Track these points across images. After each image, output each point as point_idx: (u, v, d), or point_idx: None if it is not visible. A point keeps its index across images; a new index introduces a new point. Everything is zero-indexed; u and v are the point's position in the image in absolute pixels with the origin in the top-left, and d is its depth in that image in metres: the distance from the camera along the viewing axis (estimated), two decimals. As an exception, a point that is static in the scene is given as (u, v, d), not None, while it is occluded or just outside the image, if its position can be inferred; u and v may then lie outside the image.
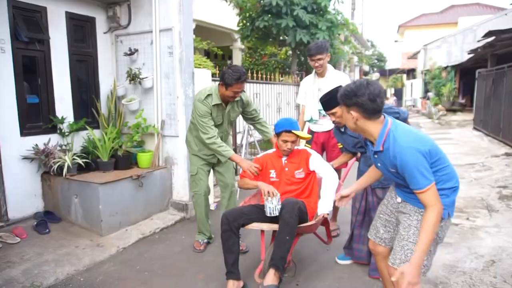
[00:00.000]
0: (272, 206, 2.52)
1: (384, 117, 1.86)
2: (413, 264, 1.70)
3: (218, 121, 3.09)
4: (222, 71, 2.92)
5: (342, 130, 2.78)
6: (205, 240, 3.38)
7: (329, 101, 2.57)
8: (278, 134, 2.73)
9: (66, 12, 4.00)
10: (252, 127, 5.60)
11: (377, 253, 2.22)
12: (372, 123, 1.83)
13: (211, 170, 3.41)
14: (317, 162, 2.79)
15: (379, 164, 1.95)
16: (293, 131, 2.66)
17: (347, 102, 1.84)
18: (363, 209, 2.84)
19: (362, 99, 1.77)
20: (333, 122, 2.69)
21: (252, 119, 3.33)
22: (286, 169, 2.77)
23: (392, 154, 1.77)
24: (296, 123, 2.75)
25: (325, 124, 3.51)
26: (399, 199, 2.02)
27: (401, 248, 1.89)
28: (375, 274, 2.68)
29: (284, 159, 2.80)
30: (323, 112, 3.32)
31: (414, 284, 1.67)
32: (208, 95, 2.98)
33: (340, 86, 2.65)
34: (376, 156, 1.92)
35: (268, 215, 2.54)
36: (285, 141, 2.69)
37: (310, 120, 3.57)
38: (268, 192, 2.53)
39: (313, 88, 3.55)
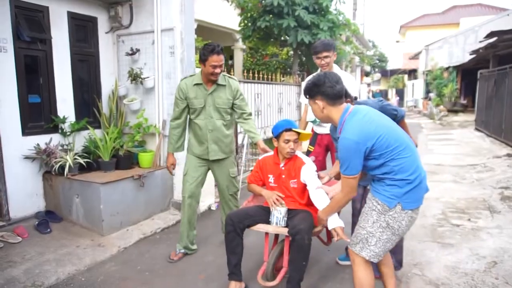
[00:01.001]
0: (280, 216, 2.50)
1: (347, 105, 2.02)
2: (320, 212, 2.24)
3: (199, 104, 2.99)
4: (199, 50, 2.97)
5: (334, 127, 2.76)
6: (182, 250, 3.19)
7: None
8: (278, 136, 2.60)
9: (68, 12, 4.01)
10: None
11: None
12: (335, 109, 2.01)
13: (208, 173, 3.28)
14: (308, 174, 2.58)
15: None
16: (293, 129, 2.57)
17: (311, 93, 2.05)
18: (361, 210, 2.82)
19: (324, 87, 1.98)
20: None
21: (241, 115, 3.14)
22: (283, 176, 2.66)
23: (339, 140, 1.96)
24: (294, 122, 2.67)
25: (329, 126, 3.48)
26: (369, 186, 2.16)
27: (355, 231, 2.11)
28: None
29: (281, 165, 2.66)
30: None
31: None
32: (191, 75, 3.08)
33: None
34: (337, 140, 2.11)
35: (274, 225, 2.52)
36: (287, 141, 2.57)
37: (314, 121, 3.53)
38: (275, 202, 2.50)
39: None
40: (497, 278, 2.73)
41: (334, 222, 2.26)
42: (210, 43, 2.88)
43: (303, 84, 3.74)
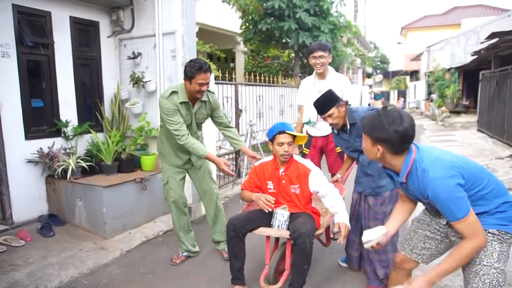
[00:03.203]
0: (283, 220, 2.50)
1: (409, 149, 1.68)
2: (427, 280, 1.63)
3: (187, 121, 2.90)
4: (184, 66, 2.77)
5: (336, 132, 2.76)
6: (184, 253, 3.20)
7: (323, 105, 2.54)
8: (272, 140, 2.55)
9: (70, 17, 4.04)
10: (255, 129, 5.61)
11: (402, 268, 2.03)
12: (398, 157, 1.69)
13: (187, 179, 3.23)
14: (318, 181, 2.53)
15: (410, 193, 1.81)
16: (287, 131, 2.52)
17: (374, 135, 1.67)
18: (356, 215, 2.81)
19: (393, 136, 1.60)
20: (330, 124, 2.64)
21: (221, 124, 3.11)
22: (283, 181, 2.60)
23: (422, 186, 1.63)
24: (289, 125, 2.63)
25: (323, 128, 3.43)
26: (444, 221, 1.84)
27: (475, 274, 1.68)
28: (374, 284, 2.65)
29: (281, 170, 2.59)
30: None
31: None
32: (173, 92, 2.80)
33: (330, 90, 2.65)
34: (403, 185, 1.78)
35: (275, 227, 2.52)
36: (281, 144, 2.49)
37: (308, 122, 3.49)
38: (266, 204, 2.45)
39: (312, 90, 3.45)
40: (500, 280, 2.71)
41: (342, 218, 2.35)
42: (196, 60, 2.74)
43: (301, 85, 3.74)
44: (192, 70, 2.68)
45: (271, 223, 2.55)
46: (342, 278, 2.84)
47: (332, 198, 2.48)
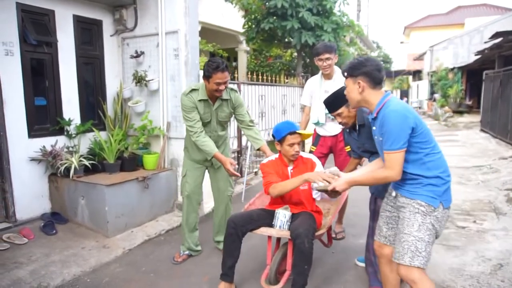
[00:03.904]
0: (284, 220, 2.49)
1: (386, 91, 2.01)
2: (346, 181, 2.09)
3: (206, 119, 2.97)
4: (203, 65, 2.83)
5: (348, 130, 2.75)
6: (186, 252, 3.21)
7: (334, 102, 2.52)
8: (281, 140, 2.57)
9: (74, 15, 4.04)
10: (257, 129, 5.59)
11: (382, 256, 2.20)
12: (375, 93, 1.97)
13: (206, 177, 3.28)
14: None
15: (375, 137, 2.06)
16: (297, 131, 2.55)
17: (355, 72, 1.98)
18: (373, 216, 2.77)
19: (370, 68, 1.94)
20: (340, 123, 2.63)
21: (243, 122, 3.13)
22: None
23: (382, 117, 1.90)
24: (295, 124, 2.64)
25: (332, 129, 3.44)
26: (394, 193, 2.07)
27: (399, 241, 1.94)
28: (375, 284, 2.63)
29: (290, 168, 2.64)
30: (330, 116, 3.27)
31: (336, 185, 2.09)
32: (194, 89, 2.91)
33: (344, 87, 2.64)
34: (374, 128, 2.03)
35: (277, 227, 2.51)
36: (292, 144, 2.53)
37: (317, 123, 3.50)
38: (325, 179, 2.21)
39: (319, 90, 3.45)
40: (503, 281, 2.71)
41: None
42: (214, 60, 2.78)
43: (306, 85, 3.73)
44: (210, 69, 2.73)
45: (273, 223, 2.54)
46: (344, 278, 2.84)
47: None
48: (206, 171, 3.25)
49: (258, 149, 3.09)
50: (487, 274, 2.81)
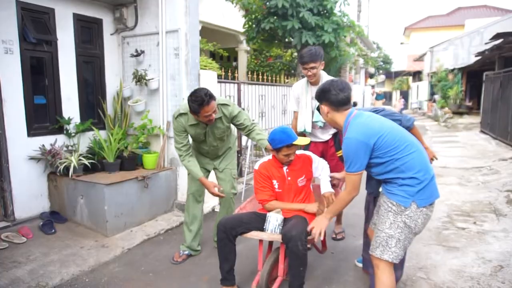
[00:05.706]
0: (276, 224, 2.45)
1: (351, 109, 2.14)
2: (325, 216, 2.27)
3: (200, 139, 2.98)
4: (187, 101, 2.74)
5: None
6: (186, 252, 3.20)
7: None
8: (277, 149, 2.54)
9: (74, 14, 4.03)
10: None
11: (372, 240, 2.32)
12: (339, 114, 2.14)
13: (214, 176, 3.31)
14: (320, 166, 2.73)
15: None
16: (294, 143, 2.50)
17: (320, 99, 2.20)
18: (370, 216, 2.77)
19: (332, 93, 2.11)
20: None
21: (244, 129, 3.07)
22: (289, 178, 2.62)
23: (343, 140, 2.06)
24: (293, 132, 2.57)
25: (322, 135, 3.37)
26: (381, 189, 2.21)
27: (374, 234, 2.13)
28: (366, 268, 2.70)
29: (285, 168, 2.63)
30: (319, 123, 3.23)
31: (321, 228, 2.24)
32: (182, 113, 2.87)
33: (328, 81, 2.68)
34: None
35: (269, 231, 2.46)
36: (287, 155, 2.53)
37: (304, 131, 3.37)
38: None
39: (306, 97, 3.32)
40: (504, 282, 2.70)
41: (327, 187, 2.60)
42: (196, 95, 2.64)
43: (292, 90, 3.64)
44: (195, 106, 2.66)
45: (264, 227, 2.48)
46: (344, 279, 2.83)
47: (324, 167, 2.76)
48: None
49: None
50: (487, 275, 2.81)
